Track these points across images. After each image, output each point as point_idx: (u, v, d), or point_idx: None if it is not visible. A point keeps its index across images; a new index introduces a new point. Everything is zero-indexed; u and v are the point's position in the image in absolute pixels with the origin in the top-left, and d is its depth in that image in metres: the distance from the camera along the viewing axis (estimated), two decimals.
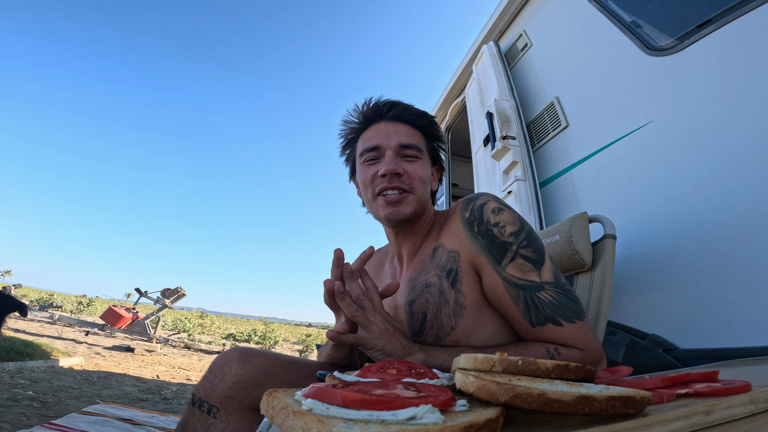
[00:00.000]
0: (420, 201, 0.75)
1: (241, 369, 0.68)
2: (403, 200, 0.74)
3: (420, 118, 0.80)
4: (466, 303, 0.68)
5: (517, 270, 0.64)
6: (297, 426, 0.23)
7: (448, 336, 0.69)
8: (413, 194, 0.74)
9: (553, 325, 0.61)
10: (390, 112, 0.79)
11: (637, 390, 0.27)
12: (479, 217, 0.69)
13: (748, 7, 1.06)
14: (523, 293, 0.63)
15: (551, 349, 0.60)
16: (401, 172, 0.74)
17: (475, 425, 0.23)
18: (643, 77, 1.38)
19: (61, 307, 11.91)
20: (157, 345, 6.32)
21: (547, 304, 0.62)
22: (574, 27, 1.82)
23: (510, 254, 0.65)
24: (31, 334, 5.28)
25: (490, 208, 0.69)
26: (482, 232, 0.67)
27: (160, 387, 3.38)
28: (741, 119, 1.03)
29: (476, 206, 0.70)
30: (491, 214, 0.68)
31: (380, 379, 0.38)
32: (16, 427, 1.78)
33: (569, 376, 0.34)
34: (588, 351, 0.61)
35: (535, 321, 0.62)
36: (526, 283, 0.63)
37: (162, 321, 8.24)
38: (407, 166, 0.75)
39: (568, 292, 0.63)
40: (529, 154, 1.86)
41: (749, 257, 0.95)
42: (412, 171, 0.75)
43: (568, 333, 0.61)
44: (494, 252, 0.66)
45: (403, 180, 0.74)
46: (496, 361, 0.35)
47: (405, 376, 0.41)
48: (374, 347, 0.63)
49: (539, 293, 0.62)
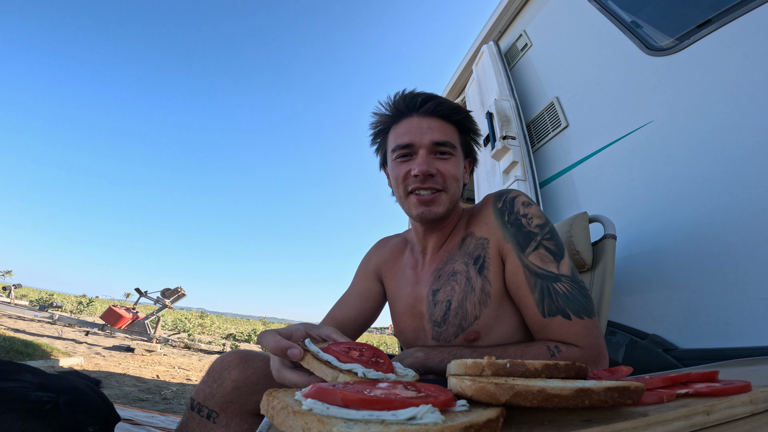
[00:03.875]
0: (453, 199, 0.75)
1: (240, 374, 0.67)
2: (436, 200, 0.73)
3: (455, 113, 0.76)
4: (491, 291, 0.69)
5: (539, 259, 0.66)
6: (297, 426, 0.23)
7: (471, 326, 0.69)
8: (446, 193, 0.74)
9: (563, 318, 0.61)
10: (424, 107, 0.75)
11: (631, 381, 0.27)
12: (510, 207, 0.72)
13: (748, 7, 1.06)
14: (541, 282, 0.64)
15: (552, 347, 0.60)
16: (434, 173, 0.72)
17: (476, 425, 0.23)
18: (643, 77, 1.38)
19: (61, 307, 11.92)
20: (157, 345, 6.32)
21: (561, 296, 0.62)
22: (574, 27, 1.82)
23: (534, 243, 0.67)
24: (31, 334, 5.28)
25: (521, 201, 0.73)
26: (512, 221, 0.71)
27: (160, 387, 3.38)
28: (741, 119, 1.03)
29: (508, 198, 0.74)
30: (521, 206, 0.72)
31: (339, 356, 0.41)
32: None
33: (559, 374, 0.34)
34: (587, 349, 0.60)
35: (547, 311, 0.63)
36: (544, 273, 0.65)
37: (162, 321, 8.24)
38: (440, 164, 0.73)
39: (582, 289, 0.64)
40: (529, 154, 1.86)
41: (749, 257, 0.95)
42: (446, 170, 0.73)
43: (574, 328, 0.61)
44: (520, 240, 0.68)
45: (436, 180, 0.73)
46: (485, 365, 0.35)
47: (366, 360, 0.43)
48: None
49: (555, 284, 0.64)
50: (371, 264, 0.93)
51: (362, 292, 0.91)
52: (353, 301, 0.90)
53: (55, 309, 11.41)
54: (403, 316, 0.82)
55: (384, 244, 0.96)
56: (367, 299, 0.90)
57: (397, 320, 0.84)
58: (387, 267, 0.91)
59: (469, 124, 0.80)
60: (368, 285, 0.92)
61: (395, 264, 0.90)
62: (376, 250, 0.96)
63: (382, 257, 0.92)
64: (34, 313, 9.75)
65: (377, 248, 0.96)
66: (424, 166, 0.71)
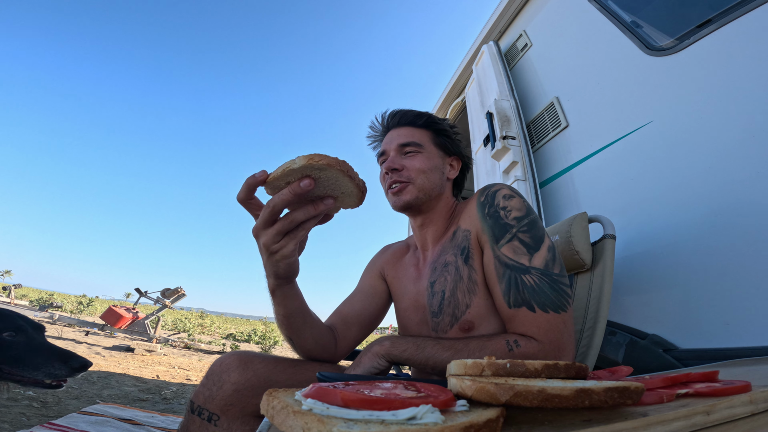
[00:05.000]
0: (422, 189, 0.83)
1: (240, 376, 0.68)
2: (403, 190, 0.83)
3: (418, 118, 0.89)
4: (478, 279, 0.72)
5: (511, 251, 0.68)
6: (297, 426, 0.23)
7: (464, 315, 0.71)
8: (412, 184, 0.83)
9: (527, 310, 0.63)
10: (392, 121, 0.90)
11: (631, 381, 0.27)
12: (491, 200, 0.75)
13: (748, 7, 1.06)
14: (509, 272, 0.66)
15: (511, 342, 0.61)
16: (399, 167, 0.83)
17: (476, 425, 0.23)
18: (643, 77, 1.38)
19: (61, 307, 11.92)
20: (157, 345, 6.32)
21: (528, 288, 0.64)
22: (575, 27, 1.82)
23: (509, 236, 0.69)
24: None
25: (502, 194, 0.75)
26: (490, 213, 0.73)
27: (160, 387, 3.38)
28: (741, 119, 1.03)
29: (491, 192, 0.77)
30: (501, 199, 0.74)
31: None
32: (16, 427, 1.78)
33: (559, 374, 0.34)
34: (546, 344, 0.61)
35: (512, 302, 0.64)
36: (514, 264, 0.66)
37: (162, 321, 8.25)
38: (406, 161, 0.84)
39: (554, 282, 0.64)
40: (529, 154, 1.86)
41: (749, 257, 0.95)
42: (410, 164, 0.83)
43: (537, 321, 0.62)
44: (496, 231, 0.71)
45: (401, 174, 0.83)
46: (485, 365, 0.35)
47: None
48: None
49: (524, 275, 0.65)
50: (376, 265, 1.00)
51: (367, 288, 0.96)
52: (357, 296, 0.94)
53: (55, 309, 11.41)
54: (407, 311, 0.86)
55: (387, 248, 1.04)
56: (372, 296, 0.94)
57: (402, 317, 0.89)
58: (389, 266, 0.96)
59: (436, 125, 0.89)
60: (373, 283, 0.96)
61: (397, 263, 0.96)
62: (380, 253, 1.03)
63: (385, 258, 0.99)
64: (34, 313, 9.75)
65: (381, 252, 1.04)
66: (389, 163, 0.84)
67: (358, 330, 0.87)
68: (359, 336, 0.87)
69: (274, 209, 0.48)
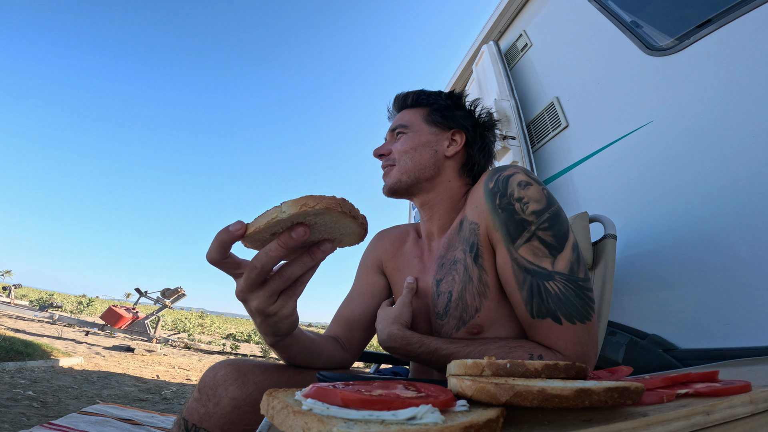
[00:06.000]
0: (404, 170, 0.78)
1: (239, 390, 0.60)
2: (387, 173, 0.81)
3: (405, 99, 0.86)
4: (489, 282, 0.64)
5: (530, 253, 0.59)
6: (297, 425, 0.23)
7: (473, 318, 0.65)
8: (395, 166, 0.80)
9: (552, 321, 0.56)
10: (393, 110, 0.89)
11: (631, 381, 0.27)
12: (503, 189, 0.63)
13: (748, 7, 1.06)
14: (531, 279, 0.58)
15: (535, 357, 0.56)
16: (385, 152, 0.82)
17: (476, 425, 0.23)
18: (643, 77, 1.38)
19: (61, 307, 11.92)
20: (157, 345, 6.32)
21: (552, 296, 0.56)
22: (574, 27, 1.82)
23: (527, 234, 0.59)
24: (31, 334, 5.28)
25: (517, 180, 0.63)
26: (503, 206, 0.62)
27: (160, 387, 3.38)
28: (741, 119, 1.03)
29: (502, 177, 0.64)
30: (516, 188, 0.62)
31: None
32: (16, 427, 1.78)
33: (559, 375, 0.34)
34: (572, 358, 0.56)
35: (536, 312, 0.57)
36: (535, 269, 0.58)
37: (162, 321, 8.25)
38: (393, 144, 0.82)
39: (579, 289, 0.57)
40: (529, 154, 1.86)
41: (749, 257, 0.95)
42: (394, 147, 0.81)
43: (564, 334, 0.56)
44: (511, 229, 0.60)
45: (387, 158, 0.82)
46: (485, 365, 0.35)
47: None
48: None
49: (547, 282, 0.57)
50: (370, 258, 0.90)
51: (365, 289, 0.86)
52: (357, 299, 0.85)
53: (55, 309, 11.41)
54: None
55: (383, 235, 0.92)
56: (371, 296, 0.84)
57: None
58: (388, 256, 0.87)
59: (424, 100, 0.84)
60: (370, 280, 0.87)
61: (397, 252, 0.86)
62: (374, 242, 0.92)
63: (382, 247, 0.89)
64: (34, 313, 9.75)
65: (375, 240, 0.93)
66: (375, 149, 0.83)
67: (362, 334, 0.82)
68: (365, 339, 0.83)
69: (263, 270, 0.40)
